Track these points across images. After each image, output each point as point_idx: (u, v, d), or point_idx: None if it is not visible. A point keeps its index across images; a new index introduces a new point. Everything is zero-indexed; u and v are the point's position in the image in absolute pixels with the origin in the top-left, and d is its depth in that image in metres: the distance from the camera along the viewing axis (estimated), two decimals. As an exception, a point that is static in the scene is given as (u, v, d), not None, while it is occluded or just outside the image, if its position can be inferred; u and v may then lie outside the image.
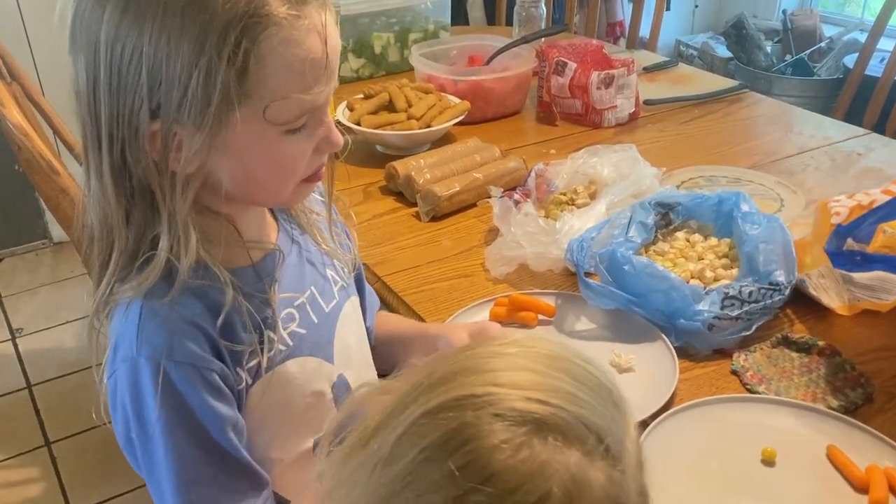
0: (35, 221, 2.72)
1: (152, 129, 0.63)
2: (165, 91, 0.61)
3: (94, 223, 0.68)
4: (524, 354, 0.46)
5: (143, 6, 0.60)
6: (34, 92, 1.63)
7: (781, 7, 3.49)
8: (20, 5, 2.44)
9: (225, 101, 0.61)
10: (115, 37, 0.61)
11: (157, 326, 0.66)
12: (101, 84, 0.62)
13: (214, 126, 0.62)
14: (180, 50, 0.60)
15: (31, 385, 2.16)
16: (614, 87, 1.57)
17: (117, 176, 0.65)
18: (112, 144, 0.64)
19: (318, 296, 0.81)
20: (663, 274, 0.99)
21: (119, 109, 0.62)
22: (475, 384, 0.42)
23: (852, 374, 0.92)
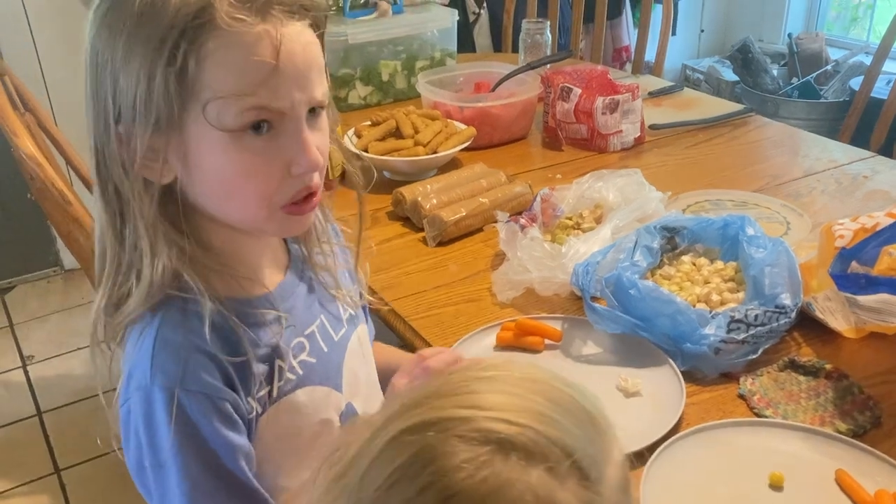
0: (47, 249, 2.74)
1: (118, 132, 0.66)
2: (124, 94, 0.64)
3: (98, 242, 0.71)
4: (499, 378, 0.45)
5: (115, 15, 0.64)
6: (47, 122, 1.66)
7: (787, 31, 3.51)
8: (34, 38, 2.49)
9: (166, 101, 0.64)
10: (95, 47, 0.65)
11: (170, 355, 0.66)
12: (88, 93, 0.67)
13: (166, 128, 0.65)
14: (132, 54, 0.63)
15: (42, 412, 2.17)
16: (619, 112, 1.58)
17: (104, 185, 0.67)
18: (97, 153, 0.67)
19: (328, 325, 0.82)
20: (669, 298, 0.99)
21: (96, 117, 0.66)
22: (444, 407, 0.42)
23: (860, 397, 0.92)
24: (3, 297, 2.69)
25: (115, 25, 0.63)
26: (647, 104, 1.83)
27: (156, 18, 0.62)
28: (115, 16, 0.63)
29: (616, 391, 0.98)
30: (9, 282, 2.72)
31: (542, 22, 1.98)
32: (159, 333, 0.67)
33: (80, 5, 2.51)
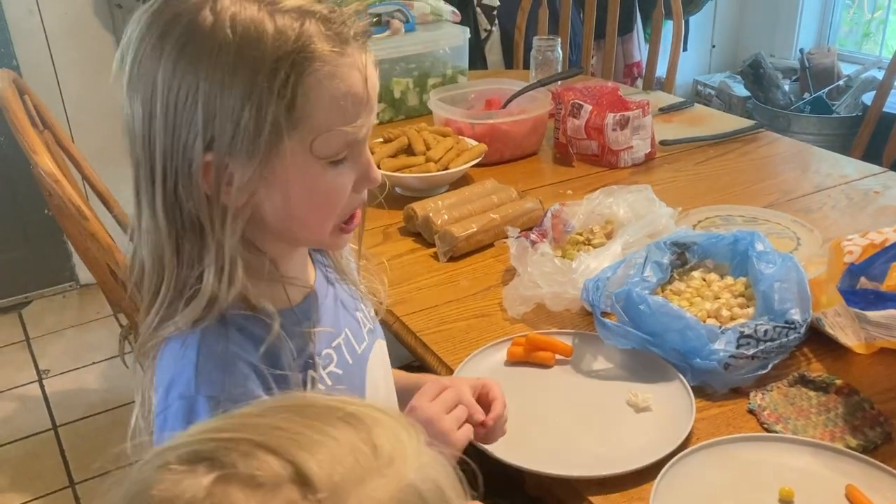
0: (63, 264, 2.77)
1: (205, 160, 0.65)
2: (219, 124, 0.64)
3: (144, 258, 0.70)
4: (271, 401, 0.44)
5: (199, 46, 0.63)
6: (65, 140, 1.68)
7: (799, 46, 3.51)
8: (53, 56, 2.53)
9: (275, 132, 0.65)
10: (173, 75, 0.64)
11: (215, 365, 0.67)
12: (157, 120, 0.65)
13: (264, 158, 0.66)
14: (234, 85, 0.63)
15: (57, 426, 2.19)
16: (630, 129, 1.59)
17: (170, 210, 0.67)
18: (165, 178, 0.66)
19: (352, 337, 0.83)
20: (679, 313, 1.00)
21: (174, 144, 0.65)
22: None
23: (871, 412, 0.92)
24: (19, 311, 2.72)
25: (201, 58, 0.63)
26: (657, 120, 1.84)
27: (256, 49, 0.63)
28: (199, 49, 0.63)
29: (626, 406, 0.98)
30: (25, 297, 2.75)
31: (553, 39, 2.00)
32: (202, 344, 0.68)
33: (98, 25, 2.56)
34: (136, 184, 0.69)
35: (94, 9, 2.54)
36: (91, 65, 2.58)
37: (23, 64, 2.48)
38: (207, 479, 0.37)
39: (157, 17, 0.65)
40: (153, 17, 0.65)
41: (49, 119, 1.65)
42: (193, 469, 0.37)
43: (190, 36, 0.64)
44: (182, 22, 0.64)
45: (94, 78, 2.60)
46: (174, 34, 0.64)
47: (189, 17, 0.64)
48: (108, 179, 1.80)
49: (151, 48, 0.65)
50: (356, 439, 0.39)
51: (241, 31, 0.63)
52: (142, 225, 0.69)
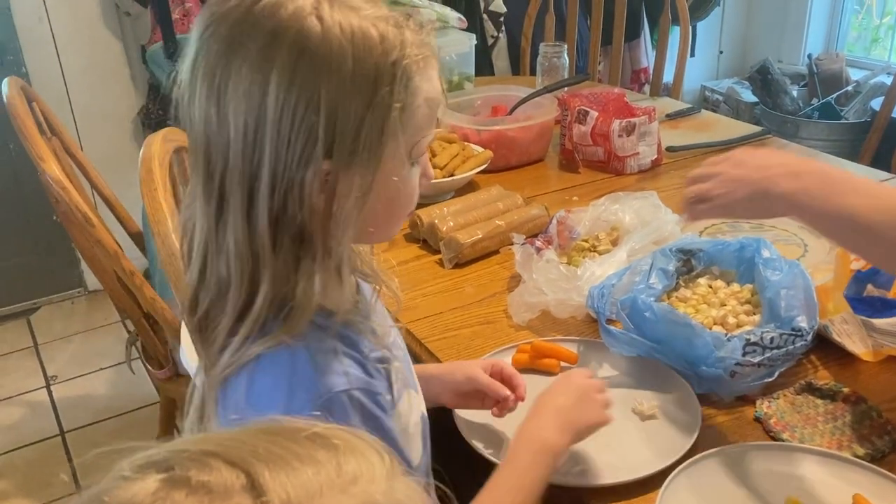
0: (71, 270, 2.79)
1: (324, 169, 0.64)
2: (340, 131, 0.63)
3: (229, 275, 0.67)
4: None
5: (315, 55, 0.62)
6: (73, 147, 1.70)
7: (807, 51, 3.50)
8: (62, 64, 2.54)
9: (392, 137, 0.66)
10: (290, 84, 0.62)
11: (331, 364, 0.67)
12: (268, 131, 0.63)
13: (377, 163, 0.66)
14: (355, 92, 0.63)
15: (64, 432, 2.20)
16: (636, 135, 1.59)
17: (273, 222, 0.65)
18: (274, 189, 0.64)
19: (394, 329, 0.83)
20: (684, 320, 0.99)
21: (288, 154, 0.63)
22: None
23: (879, 421, 0.91)
24: (28, 317, 2.73)
25: (321, 66, 0.62)
26: (664, 126, 1.83)
27: (371, 56, 0.63)
28: (316, 57, 0.62)
29: (632, 414, 0.98)
30: (34, 303, 2.77)
31: (559, 45, 2.00)
32: (310, 350, 0.67)
33: (107, 32, 2.57)
34: (219, 194, 0.65)
35: (102, 17, 2.55)
36: (99, 72, 2.60)
37: (32, 71, 2.50)
38: (155, 482, 0.37)
39: (250, 28, 0.63)
40: (245, 29, 0.63)
41: (57, 126, 1.66)
42: (145, 476, 0.37)
43: (304, 44, 0.62)
44: (290, 32, 0.62)
45: (103, 85, 2.62)
46: (284, 44, 0.62)
47: (296, 26, 0.62)
48: (116, 186, 1.81)
49: (256, 60, 0.62)
50: (319, 455, 0.39)
51: (353, 38, 0.63)
52: (225, 241, 0.66)
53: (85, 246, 1.52)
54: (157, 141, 0.99)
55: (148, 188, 0.90)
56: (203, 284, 0.69)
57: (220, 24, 0.64)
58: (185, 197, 0.71)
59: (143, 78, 2.62)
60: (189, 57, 0.66)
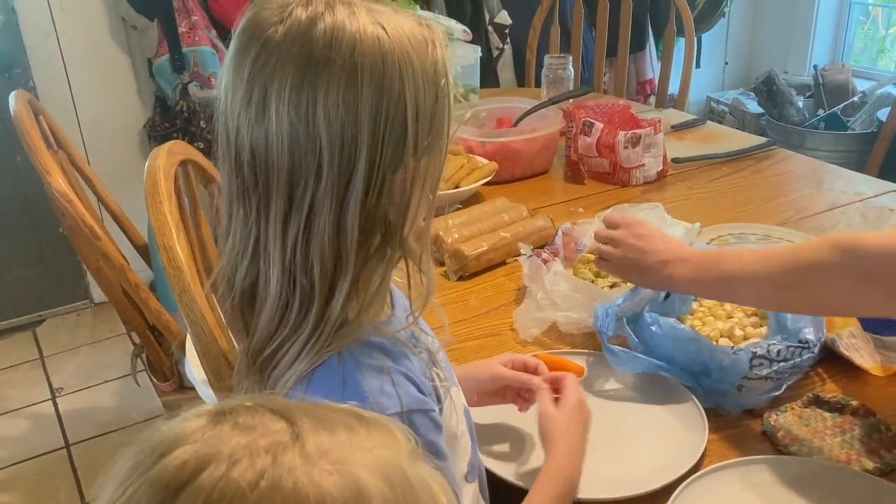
0: (78, 282, 2.79)
1: (412, 162, 0.67)
2: (422, 126, 0.67)
3: (312, 286, 0.67)
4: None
5: (393, 58, 0.65)
6: (79, 160, 1.70)
7: (812, 62, 3.50)
8: (69, 78, 2.56)
9: (451, 120, 0.69)
10: (380, 89, 0.65)
11: (383, 383, 0.67)
12: (364, 136, 0.65)
13: (440, 152, 0.70)
14: (427, 89, 0.66)
15: (70, 444, 2.20)
16: (641, 147, 1.59)
17: (365, 222, 0.67)
18: (368, 192, 0.66)
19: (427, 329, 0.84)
20: (691, 334, 0.99)
21: (382, 155, 0.66)
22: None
23: (887, 435, 0.90)
24: (34, 329, 2.74)
25: (400, 72, 0.65)
26: (669, 138, 1.83)
27: (427, 55, 0.67)
28: (393, 65, 0.65)
29: (639, 427, 0.97)
30: (39, 315, 2.77)
31: (564, 57, 2.00)
32: (360, 367, 0.67)
33: (114, 46, 2.59)
34: (307, 212, 0.66)
35: (109, 30, 2.57)
36: (107, 86, 2.61)
37: (39, 85, 2.52)
38: (204, 419, 0.41)
39: (325, 48, 0.64)
40: (318, 50, 0.64)
41: (64, 139, 1.66)
42: (198, 415, 0.41)
43: (382, 51, 0.65)
44: (367, 43, 0.65)
45: (110, 99, 2.63)
46: (366, 55, 0.65)
47: (368, 37, 0.65)
48: (123, 199, 1.82)
49: (344, 74, 0.64)
50: (353, 423, 0.43)
51: (411, 39, 0.66)
52: (310, 254, 0.67)
53: (91, 259, 1.53)
54: (162, 154, 0.99)
55: (153, 201, 0.90)
56: (287, 311, 0.68)
57: (285, 50, 0.65)
58: (234, 247, 0.70)
59: (149, 91, 2.63)
60: (249, 93, 0.65)
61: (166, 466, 0.38)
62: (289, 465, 0.38)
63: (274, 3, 0.67)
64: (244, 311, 0.71)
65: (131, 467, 0.39)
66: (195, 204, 1.14)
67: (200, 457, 0.38)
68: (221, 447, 0.38)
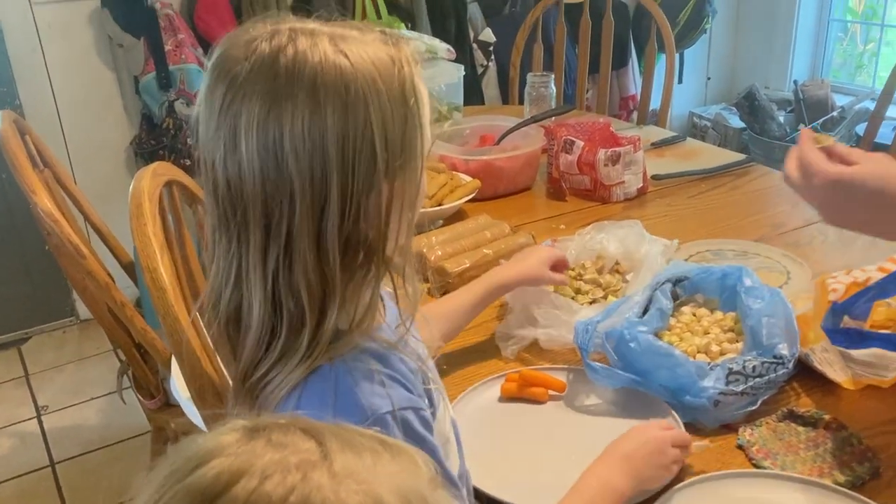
0: (64, 299, 2.79)
1: (385, 185, 0.69)
2: (392, 149, 0.68)
3: (302, 311, 0.68)
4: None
5: (357, 86, 0.66)
6: (65, 178, 1.71)
7: (793, 77, 3.55)
8: (55, 95, 2.57)
9: (423, 139, 0.71)
10: (344, 119, 0.66)
11: (374, 386, 0.69)
12: (333, 165, 0.66)
13: (416, 170, 0.71)
14: (394, 110, 0.68)
15: (54, 463, 2.19)
16: (621, 164, 1.61)
17: (344, 246, 0.68)
18: (343, 217, 0.67)
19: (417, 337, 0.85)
20: (668, 350, 1.01)
21: (355, 178, 0.67)
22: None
23: (859, 448, 0.92)
24: (19, 347, 2.73)
25: (366, 97, 0.66)
26: (650, 155, 1.86)
27: (393, 75, 0.68)
28: (358, 90, 0.66)
29: (617, 442, 0.98)
30: (25, 332, 2.76)
31: (546, 75, 2.03)
32: (351, 372, 0.69)
33: (100, 64, 2.60)
34: (284, 242, 0.67)
35: (95, 48, 2.58)
36: (93, 103, 2.62)
37: (25, 103, 2.52)
38: (238, 433, 0.43)
39: (288, 80, 0.65)
40: (283, 83, 0.65)
41: (49, 158, 1.67)
42: (232, 430, 0.43)
43: (345, 80, 0.66)
44: (330, 74, 0.66)
45: (96, 115, 2.64)
46: (329, 85, 0.66)
47: (331, 67, 0.66)
48: (109, 216, 1.82)
49: (308, 105, 0.65)
50: (377, 447, 0.45)
51: (375, 63, 0.67)
52: (294, 280, 0.68)
53: (76, 277, 1.53)
54: (146, 176, 1.01)
55: (137, 223, 0.91)
56: (273, 338, 0.69)
57: (250, 86, 0.66)
58: (217, 274, 0.71)
59: (136, 108, 2.64)
60: (220, 129, 0.67)
61: (202, 476, 0.40)
62: (317, 483, 0.40)
63: (242, 39, 0.68)
64: (231, 336, 0.72)
65: (167, 475, 0.41)
66: (180, 224, 1.16)
67: (234, 469, 0.40)
68: (255, 461, 0.41)
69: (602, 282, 1.28)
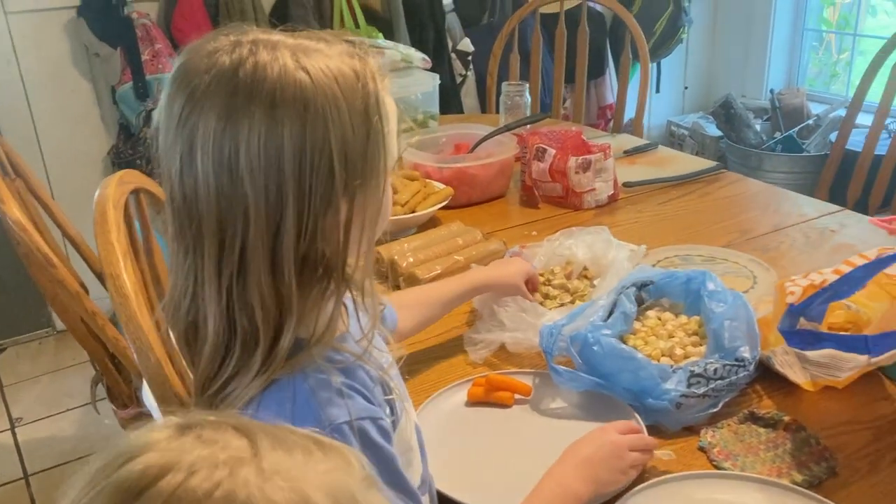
0: (39, 310, 2.76)
1: (343, 203, 0.68)
2: (352, 167, 0.67)
3: (256, 328, 0.68)
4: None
5: (316, 102, 0.66)
6: (39, 189, 1.70)
7: (769, 86, 3.59)
8: (31, 106, 2.56)
9: (382, 158, 0.70)
10: (301, 136, 0.65)
11: (333, 396, 0.69)
12: (289, 183, 0.65)
13: (378, 185, 0.70)
14: (356, 126, 0.67)
15: (28, 475, 2.17)
16: (592, 171, 1.63)
17: (301, 264, 0.68)
18: (300, 236, 0.67)
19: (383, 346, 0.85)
20: (630, 354, 1.02)
21: (311, 198, 0.66)
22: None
23: (817, 448, 0.93)
24: (-6, 358, 2.71)
25: (325, 114, 0.65)
26: (622, 162, 1.88)
27: (355, 90, 0.67)
28: (317, 107, 0.65)
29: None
30: (0, 344, 2.74)
31: (521, 84, 2.05)
32: (308, 381, 0.68)
33: (76, 74, 2.59)
34: (238, 260, 0.67)
35: (72, 58, 2.58)
36: (69, 113, 2.61)
37: (0, 113, 2.51)
38: (169, 430, 0.43)
39: (246, 95, 0.65)
40: (241, 98, 0.65)
41: (21, 167, 1.67)
42: (164, 427, 0.44)
43: (304, 97, 0.65)
44: (288, 90, 0.65)
45: (73, 127, 2.63)
46: (287, 101, 0.64)
47: (291, 82, 0.65)
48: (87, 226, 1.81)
49: (265, 122, 0.64)
50: (311, 446, 0.45)
51: (337, 79, 0.66)
52: (249, 298, 0.67)
53: (47, 286, 1.53)
54: (112, 183, 1.01)
55: (101, 230, 0.91)
56: (228, 353, 0.69)
57: (208, 100, 0.65)
58: (176, 285, 0.71)
59: (113, 118, 2.64)
60: (177, 142, 0.66)
61: (130, 471, 0.41)
62: (244, 479, 0.41)
63: (204, 49, 0.67)
64: (189, 346, 0.72)
65: (97, 470, 0.42)
66: (147, 231, 1.16)
67: (162, 464, 0.41)
68: (183, 457, 0.41)
69: (570, 287, 1.29)
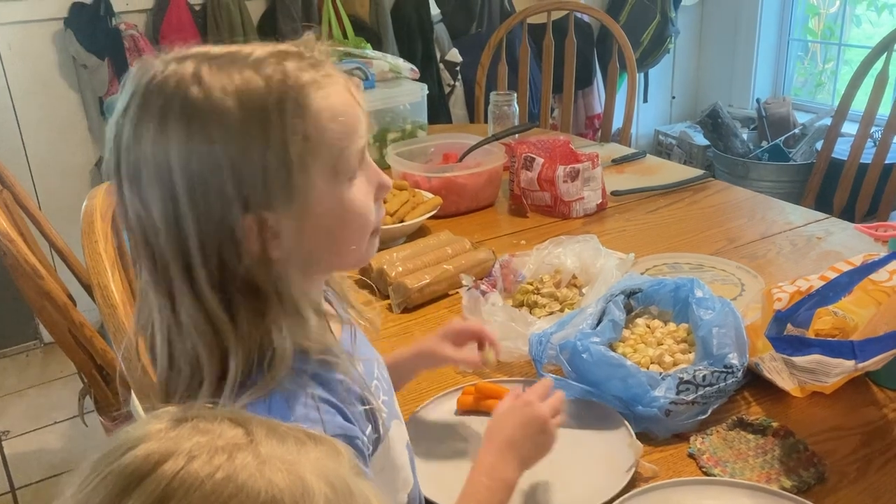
0: (27, 323, 2.75)
1: (247, 223, 0.65)
2: (250, 182, 0.64)
3: (193, 349, 0.67)
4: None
5: (205, 121, 0.63)
6: (25, 199, 1.70)
7: (755, 95, 3.62)
8: (18, 117, 2.55)
9: (302, 167, 0.65)
10: (188, 153, 0.63)
11: (307, 410, 0.67)
12: (182, 204, 0.64)
13: (300, 198, 0.66)
14: (251, 141, 0.64)
15: (15, 488, 2.15)
16: (580, 180, 1.63)
17: (217, 287, 0.66)
18: (206, 257, 0.65)
19: (376, 360, 0.85)
20: (619, 361, 1.02)
21: (209, 220, 0.64)
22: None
23: (806, 454, 0.94)
24: (-19, 372, 2.69)
25: (211, 131, 0.63)
26: (610, 171, 1.89)
27: (257, 103, 0.64)
28: (206, 123, 0.63)
29: (573, 451, 0.99)
30: (-13, 356, 2.73)
31: (509, 94, 2.06)
32: (286, 396, 0.67)
33: (63, 84, 2.59)
34: (164, 279, 0.66)
35: (59, 69, 2.57)
36: (56, 124, 2.61)
37: (-12, 125, 2.50)
38: (166, 422, 0.45)
39: (145, 110, 0.64)
40: (143, 112, 0.64)
41: (8, 178, 1.66)
42: (160, 418, 0.46)
43: (190, 112, 0.63)
44: (175, 105, 0.63)
45: (60, 137, 2.62)
46: (173, 118, 0.63)
47: (180, 96, 0.64)
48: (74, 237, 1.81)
49: (155, 139, 0.64)
50: (303, 438, 0.47)
51: (237, 91, 0.64)
52: (183, 322, 0.67)
53: (34, 298, 1.52)
54: (99, 194, 1.01)
55: (88, 240, 0.91)
56: (175, 372, 0.69)
57: (129, 110, 0.65)
58: (137, 298, 0.71)
59: (100, 129, 2.63)
60: (112, 155, 0.67)
61: (132, 458, 0.43)
62: (242, 462, 0.43)
63: (137, 66, 0.67)
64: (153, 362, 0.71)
65: (98, 460, 0.44)
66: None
67: (162, 451, 0.43)
68: (182, 444, 0.43)
69: (559, 295, 1.29)
